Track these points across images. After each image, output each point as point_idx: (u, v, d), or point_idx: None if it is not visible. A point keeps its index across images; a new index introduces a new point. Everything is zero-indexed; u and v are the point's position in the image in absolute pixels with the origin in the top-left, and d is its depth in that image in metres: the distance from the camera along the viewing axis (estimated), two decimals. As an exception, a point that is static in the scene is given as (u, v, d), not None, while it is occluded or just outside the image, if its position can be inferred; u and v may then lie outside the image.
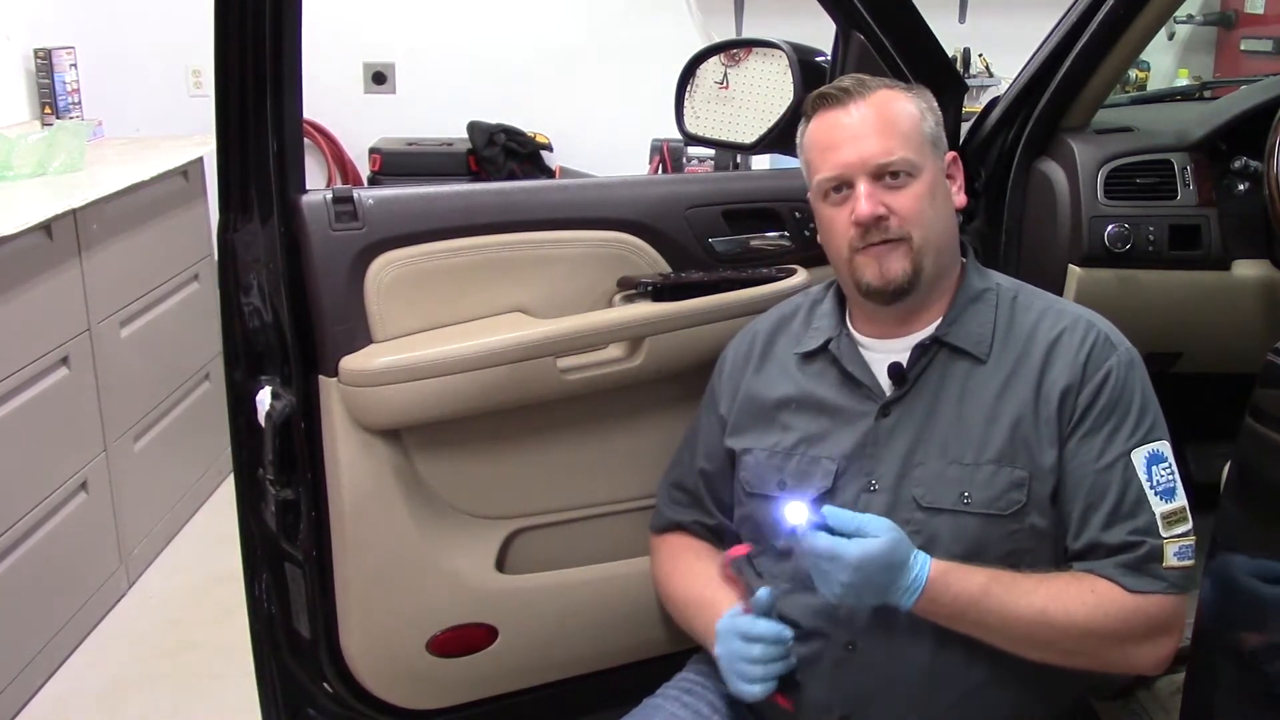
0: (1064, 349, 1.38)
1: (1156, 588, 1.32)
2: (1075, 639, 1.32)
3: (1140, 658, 1.35)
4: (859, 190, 1.37)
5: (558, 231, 1.64)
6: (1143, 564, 1.32)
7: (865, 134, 1.37)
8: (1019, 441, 1.36)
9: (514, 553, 1.71)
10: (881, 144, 1.37)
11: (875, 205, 1.36)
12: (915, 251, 1.38)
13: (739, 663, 1.37)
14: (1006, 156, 1.85)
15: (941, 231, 1.41)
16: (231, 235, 1.52)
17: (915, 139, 1.39)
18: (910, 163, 1.37)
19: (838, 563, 1.26)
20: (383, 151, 4.09)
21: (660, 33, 4.08)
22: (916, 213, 1.37)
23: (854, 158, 1.37)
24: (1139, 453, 1.35)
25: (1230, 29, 4.24)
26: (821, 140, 1.41)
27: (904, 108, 1.40)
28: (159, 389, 3.18)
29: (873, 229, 1.37)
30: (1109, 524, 1.33)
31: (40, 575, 2.58)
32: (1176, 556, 1.33)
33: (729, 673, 1.38)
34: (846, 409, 1.43)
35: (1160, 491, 1.34)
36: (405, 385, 1.52)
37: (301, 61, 1.45)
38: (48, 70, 3.70)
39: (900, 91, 1.42)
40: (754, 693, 1.36)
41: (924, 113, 1.42)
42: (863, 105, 1.39)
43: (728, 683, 1.39)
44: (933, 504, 1.36)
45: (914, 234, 1.37)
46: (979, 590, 1.30)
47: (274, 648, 1.65)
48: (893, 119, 1.38)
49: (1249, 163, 1.83)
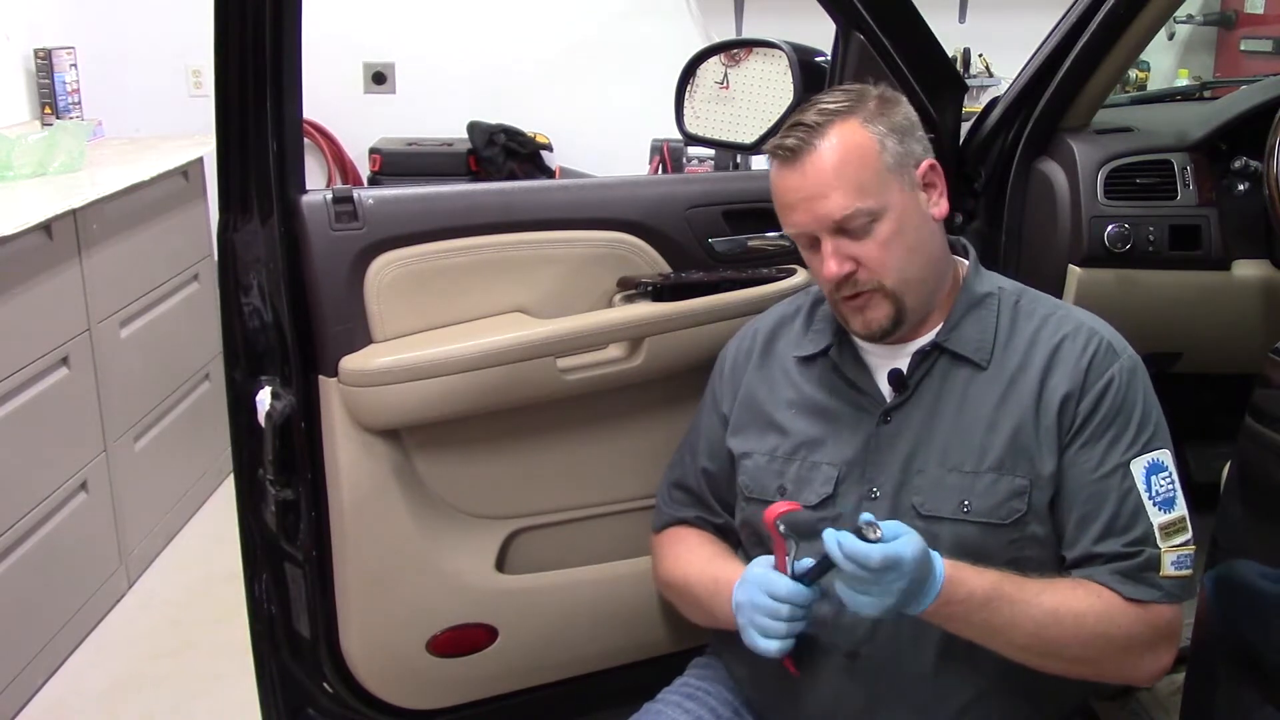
0: (1065, 356, 1.37)
1: (1152, 596, 1.31)
2: (1083, 644, 1.30)
3: (1142, 667, 1.34)
4: (824, 249, 1.34)
5: (558, 231, 1.64)
6: (1139, 572, 1.31)
7: (819, 193, 1.32)
8: (1019, 449, 1.35)
9: (514, 553, 1.71)
10: (836, 201, 1.32)
11: (841, 264, 1.34)
12: (892, 295, 1.35)
13: (761, 617, 1.31)
14: (1006, 156, 1.85)
15: (920, 263, 1.37)
16: (231, 235, 1.52)
17: (872, 181, 1.33)
18: (868, 211, 1.32)
19: (898, 569, 1.19)
20: (383, 151, 4.09)
21: (660, 33, 4.08)
22: (885, 259, 1.34)
23: (811, 219, 1.34)
24: (1138, 462, 1.33)
25: (1230, 29, 4.24)
26: (780, 198, 1.38)
27: (858, 146, 1.33)
28: (159, 389, 3.18)
29: (844, 284, 1.35)
30: (1105, 535, 1.32)
31: (40, 575, 2.58)
32: (1174, 566, 1.32)
33: (746, 625, 1.32)
34: (847, 415, 1.42)
35: (1159, 502, 1.33)
36: (405, 385, 1.52)
37: (301, 61, 1.45)
38: (48, 70, 3.70)
39: (856, 122, 1.34)
40: (772, 649, 1.31)
41: (882, 140, 1.34)
42: (814, 158, 1.32)
43: (743, 634, 1.33)
44: (932, 512, 1.35)
45: (886, 281, 1.35)
46: (990, 588, 1.27)
47: (274, 648, 1.65)
48: (843, 167, 1.32)
49: (1249, 163, 1.83)
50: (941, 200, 1.40)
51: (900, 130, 1.37)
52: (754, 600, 1.32)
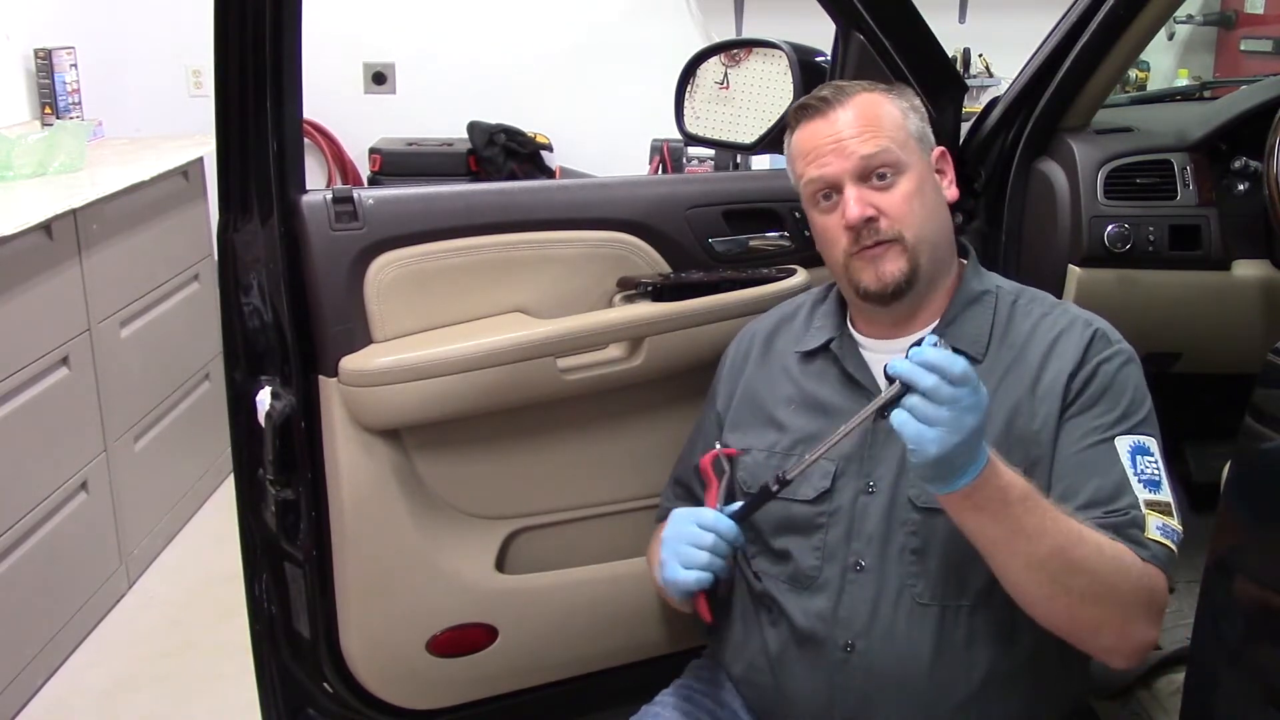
0: (1064, 344, 1.38)
1: (1140, 554, 1.28)
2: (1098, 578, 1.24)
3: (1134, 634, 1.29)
4: (847, 194, 1.37)
5: (558, 231, 1.64)
6: (1124, 528, 1.29)
7: (848, 136, 1.38)
8: (1014, 437, 1.35)
9: (514, 553, 1.71)
10: (864, 142, 1.37)
11: (864, 207, 1.36)
12: (910, 250, 1.38)
13: (684, 545, 1.32)
14: (1006, 156, 1.85)
15: (935, 228, 1.41)
16: (231, 235, 1.53)
17: (899, 136, 1.40)
18: (895, 157, 1.38)
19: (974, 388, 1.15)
20: (383, 152, 4.09)
21: (660, 33, 4.08)
22: (906, 211, 1.37)
23: (838, 161, 1.38)
24: (1124, 440, 1.33)
25: (1230, 29, 4.25)
26: (806, 148, 1.41)
27: (885, 108, 1.41)
28: (159, 389, 3.18)
29: (864, 231, 1.37)
30: (1089, 505, 1.30)
31: (40, 575, 2.58)
32: (1159, 531, 1.29)
33: (668, 557, 1.33)
34: (845, 409, 1.42)
35: (1145, 481, 1.31)
36: (405, 385, 1.52)
37: (301, 61, 1.46)
38: (48, 70, 3.70)
39: (880, 93, 1.43)
40: (688, 580, 1.30)
41: (906, 112, 1.43)
42: (843, 110, 1.40)
43: (662, 567, 1.34)
44: (929, 504, 1.35)
45: (906, 233, 1.37)
46: (1028, 487, 1.23)
47: (274, 648, 1.65)
48: (874, 119, 1.39)
49: (1249, 163, 1.83)
50: (951, 186, 1.46)
51: (920, 111, 1.45)
52: (679, 531, 1.34)
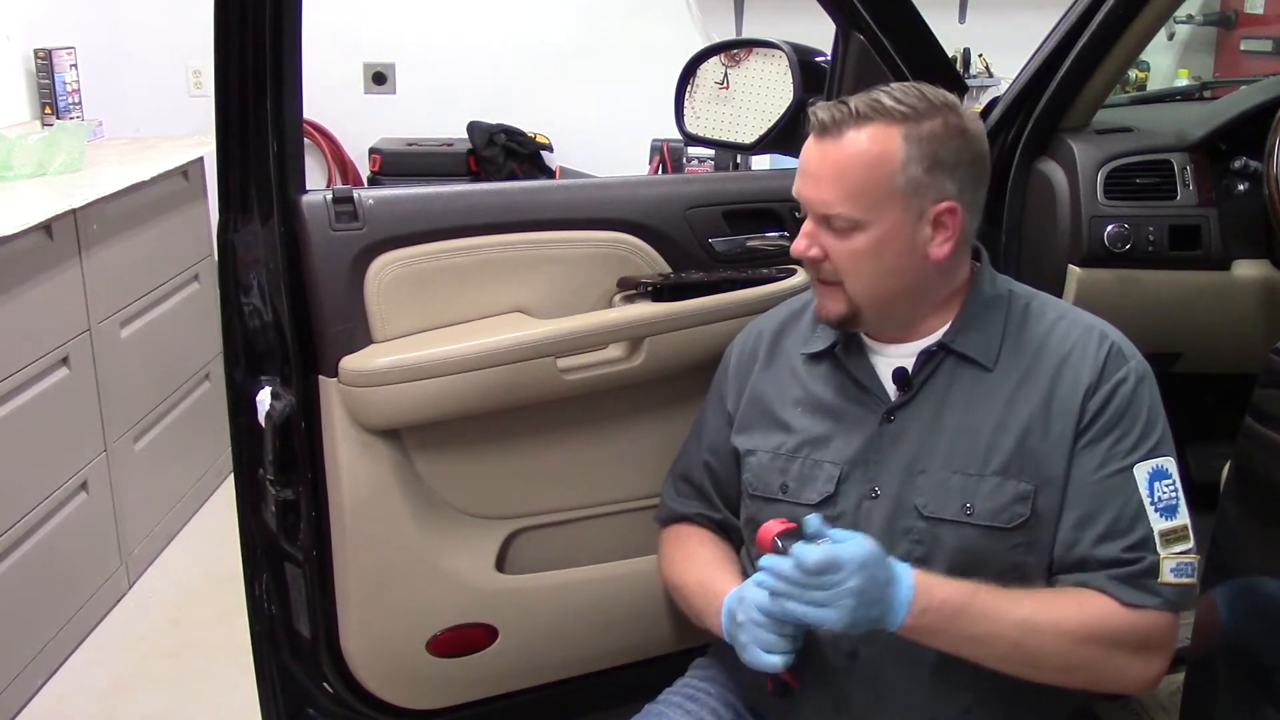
0: (1077, 357, 1.36)
1: (1151, 602, 1.29)
2: (1064, 650, 1.29)
3: (1131, 673, 1.33)
4: (804, 226, 1.37)
5: (558, 231, 1.64)
6: (1138, 578, 1.30)
7: (821, 177, 1.33)
8: (1026, 453, 1.34)
9: (514, 553, 1.71)
10: (828, 191, 1.32)
11: (809, 245, 1.36)
12: (849, 299, 1.36)
13: (759, 631, 1.31)
14: (1006, 157, 1.85)
15: (888, 288, 1.35)
16: (231, 235, 1.53)
17: (870, 192, 1.31)
18: (853, 218, 1.31)
19: (843, 570, 1.21)
20: (383, 152, 4.09)
21: (660, 33, 4.08)
22: (851, 267, 1.34)
23: (810, 189, 1.35)
24: (1142, 467, 1.32)
25: (1230, 29, 4.24)
26: (802, 159, 1.38)
27: (880, 154, 1.30)
28: (159, 389, 3.18)
29: (810, 265, 1.37)
30: (1103, 539, 1.31)
31: (40, 575, 2.58)
32: (1174, 573, 1.30)
33: (749, 643, 1.31)
34: (851, 413, 1.42)
35: (1161, 509, 1.31)
36: (405, 385, 1.52)
37: (301, 61, 1.46)
38: (48, 70, 3.70)
39: (897, 131, 1.30)
40: (775, 664, 1.30)
41: (907, 161, 1.30)
42: (838, 142, 1.32)
43: (742, 652, 1.33)
44: (935, 513, 1.35)
45: (846, 284, 1.35)
46: (967, 595, 1.27)
47: (274, 648, 1.65)
48: (849, 169, 1.31)
49: (1249, 163, 1.83)
50: (946, 244, 1.34)
51: (938, 164, 1.32)
52: (756, 618, 1.31)
